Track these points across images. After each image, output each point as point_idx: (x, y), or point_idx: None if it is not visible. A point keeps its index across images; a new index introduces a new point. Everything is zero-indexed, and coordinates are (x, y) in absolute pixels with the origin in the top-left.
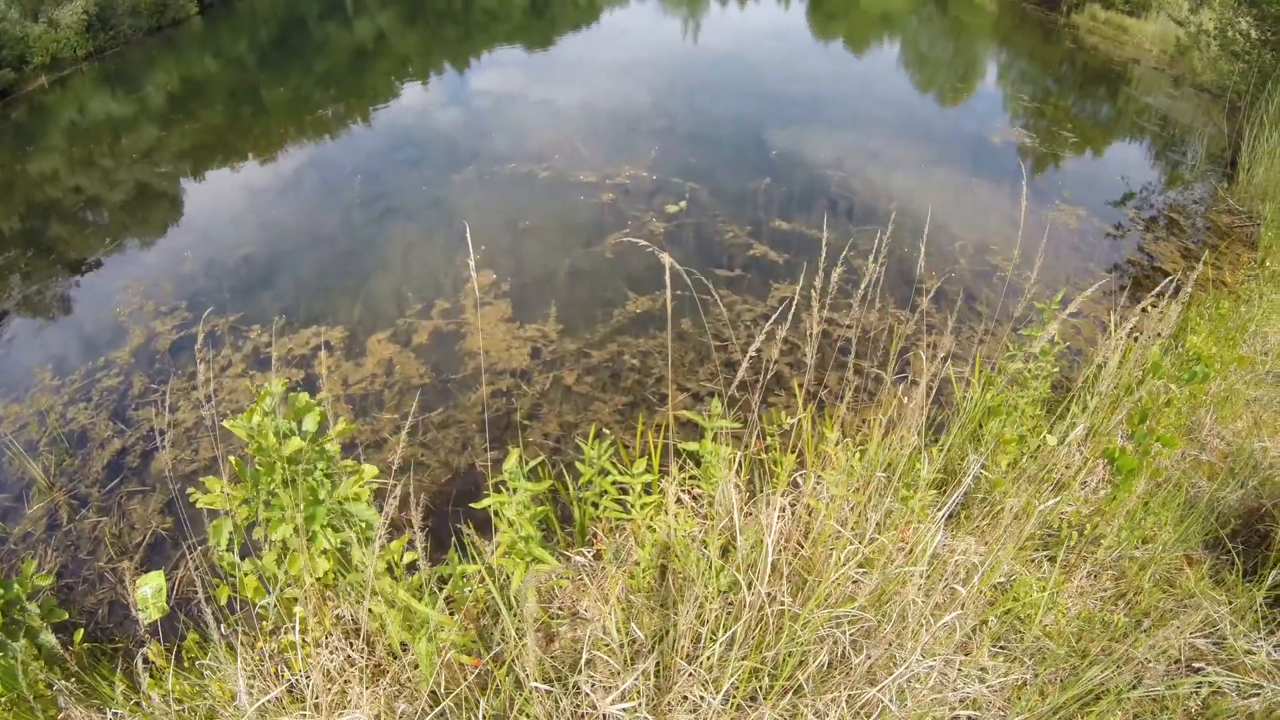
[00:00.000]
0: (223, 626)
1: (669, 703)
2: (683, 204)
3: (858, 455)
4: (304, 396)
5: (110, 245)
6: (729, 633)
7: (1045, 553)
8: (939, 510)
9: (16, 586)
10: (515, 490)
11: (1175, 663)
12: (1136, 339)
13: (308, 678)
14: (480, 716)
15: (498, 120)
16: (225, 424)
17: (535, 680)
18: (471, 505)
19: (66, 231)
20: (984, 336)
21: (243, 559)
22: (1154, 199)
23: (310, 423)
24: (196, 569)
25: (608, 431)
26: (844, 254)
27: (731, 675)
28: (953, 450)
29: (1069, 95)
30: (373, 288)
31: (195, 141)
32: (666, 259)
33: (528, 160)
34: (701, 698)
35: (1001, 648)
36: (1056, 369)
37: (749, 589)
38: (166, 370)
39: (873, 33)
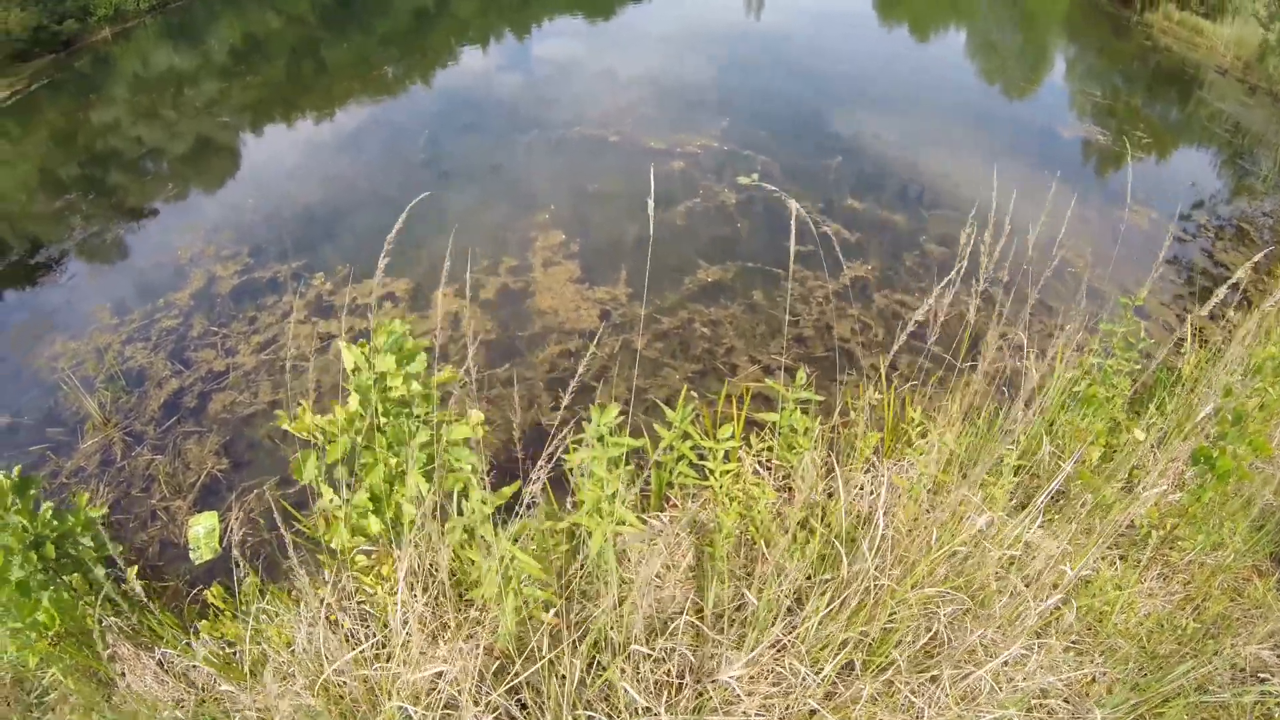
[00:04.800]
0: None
1: (757, 674)
2: (754, 176)
3: (941, 438)
4: (412, 341)
5: (171, 192)
6: (829, 605)
7: (1118, 550)
8: (1028, 501)
9: (71, 519)
10: (607, 446)
11: (1241, 671)
12: (1205, 344)
13: (386, 627)
14: (560, 675)
15: (562, 86)
16: (340, 344)
17: (636, 643)
18: (564, 458)
19: (126, 179)
20: (1055, 330)
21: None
22: (1222, 208)
23: (417, 366)
24: (251, 512)
25: (695, 396)
26: (917, 239)
27: (833, 650)
28: (1029, 440)
29: (1139, 95)
30: (437, 243)
31: (256, 96)
32: (793, 204)
33: (595, 125)
34: (799, 669)
35: (1073, 642)
36: (1139, 366)
37: (844, 562)
38: (227, 313)
39: (939, 17)
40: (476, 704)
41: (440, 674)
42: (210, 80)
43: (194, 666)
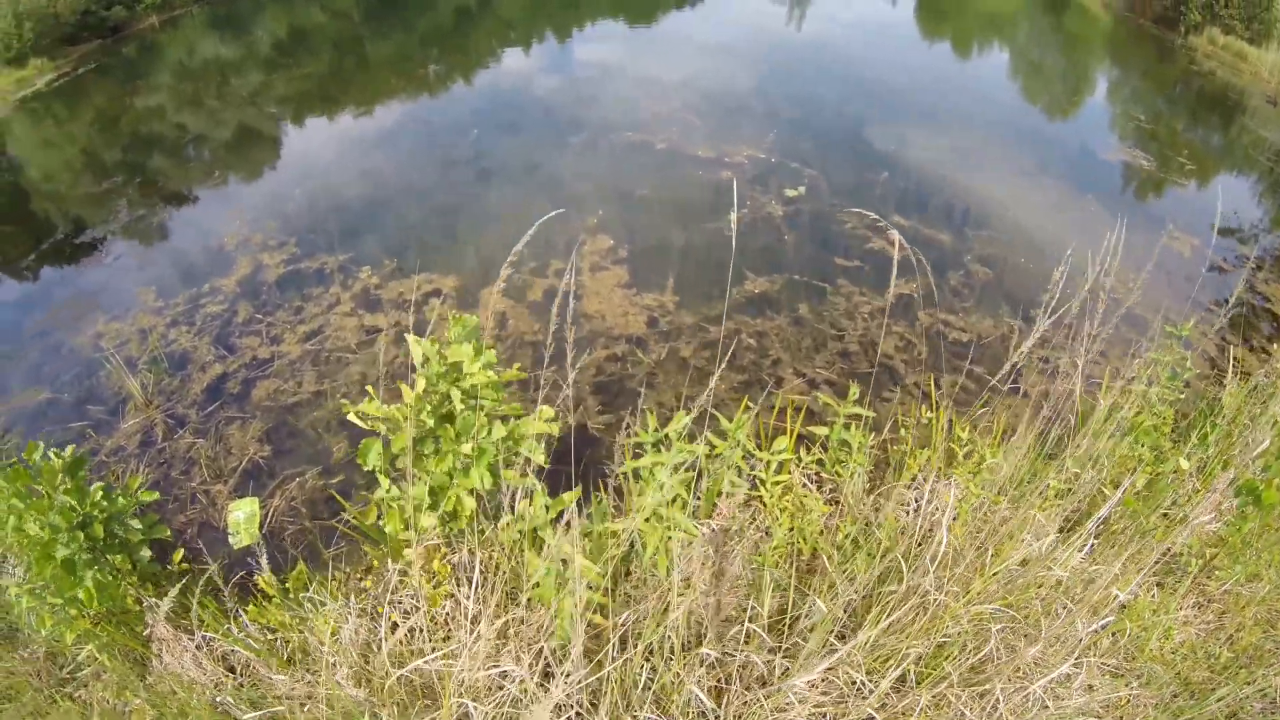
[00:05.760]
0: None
1: (812, 681)
2: (801, 189)
3: (985, 459)
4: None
5: (216, 180)
6: (890, 617)
7: (1155, 577)
8: (1069, 524)
9: (121, 500)
10: (674, 452)
11: (1272, 702)
12: (1245, 375)
13: (433, 620)
14: (608, 678)
15: (608, 91)
16: (408, 337)
17: (688, 648)
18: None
19: (171, 165)
20: (1097, 357)
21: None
22: (1264, 237)
23: (489, 357)
24: (292, 500)
25: (752, 406)
26: (961, 258)
27: (892, 661)
28: (1076, 464)
29: (1181, 119)
30: (484, 242)
31: (300, 89)
32: (895, 235)
33: (643, 132)
34: (855, 678)
35: (1112, 666)
36: (1183, 395)
37: (907, 577)
38: (273, 302)
39: (982, 35)
40: (537, 703)
41: (505, 673)
42: (255, 71)
43: (233, 651)
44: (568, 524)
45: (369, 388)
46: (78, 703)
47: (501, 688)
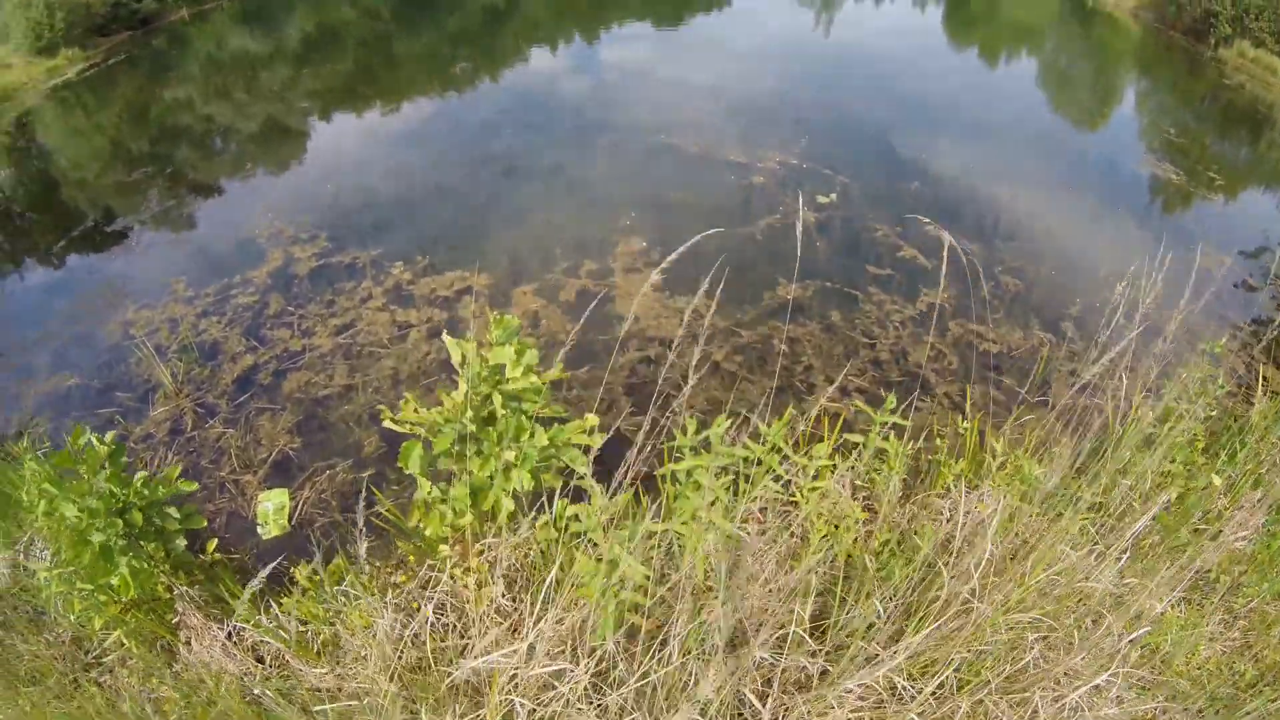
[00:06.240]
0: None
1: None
2: (833, 196)
3: (1021, 470)
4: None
5: (247, 171)
6: (932, 624)
7: (1181, 594)
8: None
9: (160, 489)
10: (717, 455)
11: None
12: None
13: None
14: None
15: (637, 93)
16: (445, 339)
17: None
18: (670, 467)
19: (199, 156)
20: (1124, 372)
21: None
22: None
23: (531, 360)
24: (322, 492)
25: (795, 414)
26: (993, 269)
27: (934, 668)
28: (1104, 479)
29: (1211, 133)
30: (517, 241)
31: (329, 84)
32: (946, 236)
33: (673, 134)
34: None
35: (1138, 678)
36: (1214, 413)
37: (948, 584)
38: (304, 295)
39: (1011, 43)
40: (589, 702)
41: (561, 672)
42: (284, 66)
43: (263, 642)
44: (616, 525)
45: (408, 394)
46: (103, 688)
47: (553, 686)
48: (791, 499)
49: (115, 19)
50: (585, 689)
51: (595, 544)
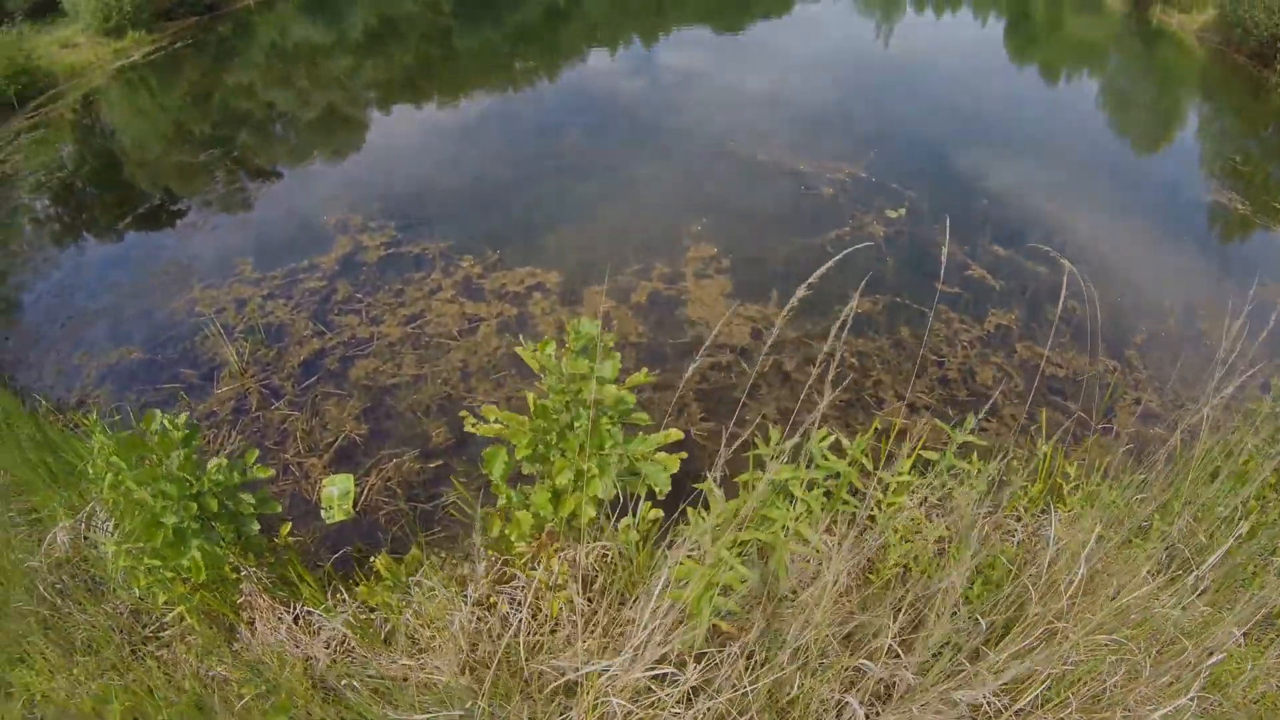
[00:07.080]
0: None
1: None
2: (902, 211)
3: (1097, 495)
4: (604, 334)
5: (314, 159)
6: (1023, 643)
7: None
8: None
9: (237, 475)
10: (815, 467)
11: None
12: None
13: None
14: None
15: (702, 98)
16: (518, 349)
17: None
18: (765, 476)
19: (263, 141)
20: (1186, 401)
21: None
22: None
23: (610, 370)
24: (389, 480)
25: (879, 428)
26: (1059, 293)
27: (1030, 687)
28: (1176, 508)
29: (1275, 161)
30: (587, 240)
31: (391, 75)
32: (1067, 264)
33: (742, 142)
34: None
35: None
36: None
37: (1033, 604)
38: (372, 283)
39: (1072, 61)
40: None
41: (664, 676)
42: (345, 56)
43: (330, 627)
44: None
45: (488, 407)
46: (161, 662)
47: (650, 690)
48: (870, 514)
49: (182, 4)
50: (686, 691)
51: (698, 547)
